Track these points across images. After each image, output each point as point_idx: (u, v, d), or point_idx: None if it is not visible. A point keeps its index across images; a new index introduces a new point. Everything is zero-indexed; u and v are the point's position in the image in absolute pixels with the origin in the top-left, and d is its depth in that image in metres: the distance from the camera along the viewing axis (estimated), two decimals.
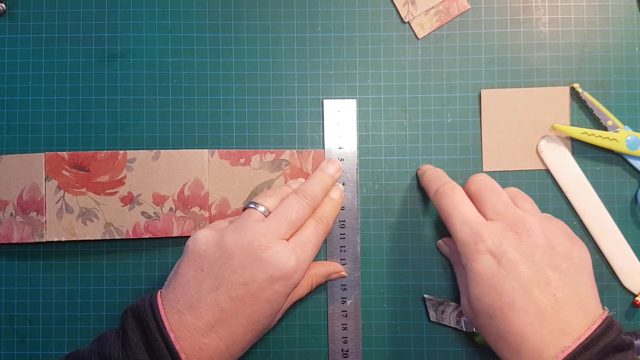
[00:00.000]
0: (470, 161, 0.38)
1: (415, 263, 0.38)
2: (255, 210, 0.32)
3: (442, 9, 0.39)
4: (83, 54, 0.39)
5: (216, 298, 0.29)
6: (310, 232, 0.32)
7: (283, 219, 0.32)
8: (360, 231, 0.38)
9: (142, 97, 0.39)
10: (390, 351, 0.38)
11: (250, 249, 0.30)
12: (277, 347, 0.38)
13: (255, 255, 0.30)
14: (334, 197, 0.35)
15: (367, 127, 0.39)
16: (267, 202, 0.33)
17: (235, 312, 0.29)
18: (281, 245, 0.31)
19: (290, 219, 0.32)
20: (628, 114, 0.38)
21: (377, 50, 0.39)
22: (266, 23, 0.39)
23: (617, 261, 0.37)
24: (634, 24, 0.39)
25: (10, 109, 0.39)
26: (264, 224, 0.31)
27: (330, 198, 0.35)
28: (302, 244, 0.32)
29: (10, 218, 0.37)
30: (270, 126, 0.39)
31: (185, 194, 0.37)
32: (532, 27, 0.39)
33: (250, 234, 0.30)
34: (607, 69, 0.39)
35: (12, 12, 0.39)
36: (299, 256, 0.31)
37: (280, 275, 0.30)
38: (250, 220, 0.31)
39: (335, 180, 0.36)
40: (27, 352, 0.38)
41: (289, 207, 0.32)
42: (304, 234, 0.32)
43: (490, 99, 0.38)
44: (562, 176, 0.38)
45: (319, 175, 0.35)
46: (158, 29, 0.39)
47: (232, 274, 0.30)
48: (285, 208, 0.32)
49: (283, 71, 0.39)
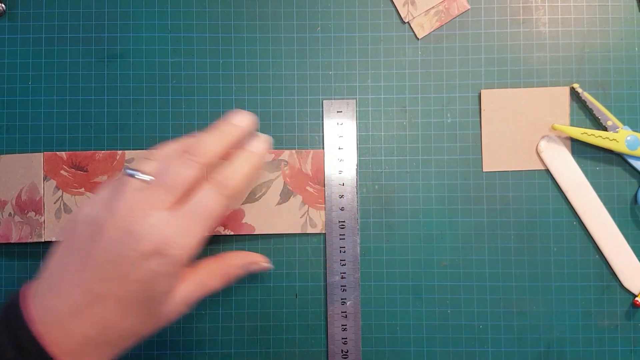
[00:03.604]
0: (470, 161, 0.38)
1: (415, 263, 0.38)
2: (132, 178, 0.27)
3: (442, 9, 0.39)
4: (83, 54, 0.39)
5: (83, 279, 0.26)
6: (205, 200, 0.27)
7: (161, 185, 0.27)
8: (360, 231, 0.38)
9: (142, 97, 0.39)
10: (390, 351, 0.38)
11: (121, 223, 0.26)
12: (277, 348, 0.38)
13: (126, 229, 0.26)
14: (248, 151, 0.30)
15: (367, 127, 0.39)
16: (146, 167, 0.28)
17: (105, 294, 0.26)
18: (158, 216, 0.26)
19: (171, 183, 0.27)
20: (628, 114, 0.38)
21: (377, 50, 0.39)
22: (266, 23, 0.39)
23: (617, 261, 0.37)
24: (634, 24, 0.39)
25: (10, 109, 0.39)
26: (139, 193, 0.27)
27: (241, 154, 0.30)
28: (188, 214, 0.27)
29: (9, 218, 0.37)
30: (270, 126, 0.39)
31: None
32: (532, 27, 0.39)
33: (123, 205, 0.26)
34: (607, 69, 0.39)
35: (12, 12, 0.39)
36: (181, 228, 0.26)
37: (154, 251, 0.26)
38: (123, 190, 0.27)
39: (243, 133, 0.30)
40: None
41: (170, 169, 0.27)
42: (194, 203, 0.27)
43: (490, 99, 0.38)
44: (562, 176, 0.38)
45: (219, 127, 0.29)
46: (158, 29, 0.39)
47: (100, 252, 0.26)
48: (165, 171, 0.27)
49: (283, 71, 0.39)
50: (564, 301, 0.38)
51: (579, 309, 0.38)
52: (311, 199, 0.38)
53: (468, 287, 0.38)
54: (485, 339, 0.38)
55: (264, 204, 0.37)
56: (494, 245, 0.38)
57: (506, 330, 0.38)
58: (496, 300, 0.38)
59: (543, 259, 0.38)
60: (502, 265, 0.38)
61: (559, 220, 0.38)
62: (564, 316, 0.38)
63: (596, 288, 0.38)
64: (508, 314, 0.38)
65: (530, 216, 0.38)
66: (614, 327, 0.38)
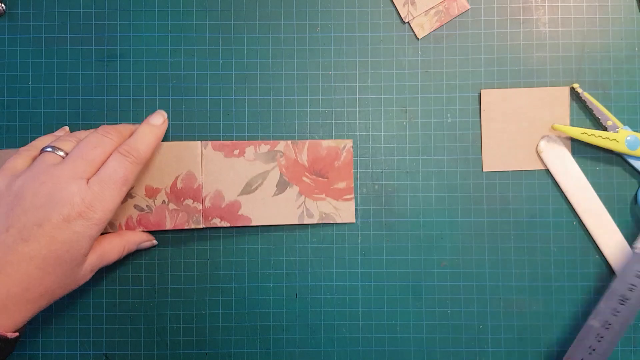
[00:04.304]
0: (470, 161, 0.38)
1: (415, 263, 0.38)
2: (52, 153, 0.31)
3: (442, 9, 0.39)
4: (83, 54, 0.39)
5: (6, 239, 0.29)
6: (113, 167, 0.31)
7: (79, 157, 0.31)
8: (360, 231, 0.38)
9: (142, 97, 0.39)
10: (390, 351, 0.38)
11: (43, 190, 0.29)
12: (277, 348, 0.38)
13: (49, 195, 0.29)
14: (150, 124, 0.34)
15: (367, 127, 0.39)
16: (65, 145, 0.32)
17: (29, 252, 0.29)
18: (77, 184, 0.30)
19: (88, 156, 0.31)
20: (628, 114, 0.38)
21: (377, 50, 0.39)
22: (266, 23, 0.39)
23: (617, 261, 0.37)
24: (634, 24, 0.39)
25: (10, 109, 0.39)
26: (60, 165, 0.30)
27: (143, 125, 0.34)
28: (102, 181, 0.30)
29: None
30: (270, 126, 0.39)
31: (178, 186, 0.37)
32: (532, 27, 0.39)
33: (45, 175, 0.30)
34: (607, 69, 0.39)
35: (12, 12, 0.39)
36: (98, 194, 0.30)
37: (77, 214, 0.29)
38: (45, 163, 0.31)
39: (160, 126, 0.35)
40: (27, 352, 0.38)
41: (87, 144, 0.31)
42: (104, 170, 0.31)
43: (490, 99, 0.38)
44: (562, 176, 0.38)
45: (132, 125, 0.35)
46: (158, 29, 0.39)
47: (23, 214, 0.29)
48: (82, 145, 0.31)
49: (283, 71, 0.39)
50: (564, 301, 0.38)
51: (579, 309, 0.38)
52: (308, 190, 0.38)
53: (468, 287, 0.38)
54: (485, 339, 0.38)
55: (261, 195, 0.37)
56: (494, 245, 0.38)
57: (506, 330, 0.38)
58: (496, 300, 0.38)
59: (543, 259, 0.38)
60: (502, 265, 0.38)
61: (559, 220, 0.38)
62: (564, 316, 0.38)
63: (596, 288, 0.38)
64: (508, 314, 0.38)
65: (530, 216, 0.38)
66: None
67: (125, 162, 0.31)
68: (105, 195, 0.30)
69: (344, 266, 0.38)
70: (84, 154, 0.31)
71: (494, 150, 0.38)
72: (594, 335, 0.34)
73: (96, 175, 0.31)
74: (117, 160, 0.31)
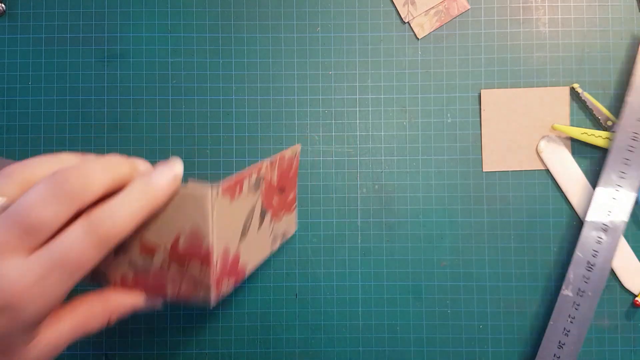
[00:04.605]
0: (470, 161, 0.38)
1: (415, 263, 0.38)
2: None
3: (442, 9, 0.39)
4: (83, 54, 0.39)
5: None
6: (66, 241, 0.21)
7: (17, 222, 0.20)
8: (360, 231, 0.38)
9: (142, 97, 0.39)
10: (390, 351, 0.38)
11: None
12: (277, 348, 0.38)
13: None
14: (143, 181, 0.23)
15: (367, 127, 0.39)
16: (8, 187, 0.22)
17: None
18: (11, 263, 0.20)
19: (30, 221, 0.20)
20: None
21: (377, 50, 0.39)
22: (266, 23, 0.39)
23: (617, 261, 0.37)
24: (634, 24, 0.39)
25: (10, 109, 0.39)
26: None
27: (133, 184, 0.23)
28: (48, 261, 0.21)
29: None
30: (270, 126, 0.39)
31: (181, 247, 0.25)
32: (532, 27, 0.39)
33: None
34: (607, 69, 0.39)
35: (12, 12, 0.39)
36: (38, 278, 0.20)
37: (3, 306, 0.20)
38: None
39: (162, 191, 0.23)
40: None
41: (31, 200, 0.20)
42: (54, 244, 0.21)
43: (490, 99, 0.38)
44: (562, 176, 0.38)
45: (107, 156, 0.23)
46: (158, 29, 0.39)
47: None
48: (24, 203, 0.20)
49: (283, 71, 0.39)
50: None
51: None
52: (275, 211, 0.33)
53: (468, 287, 0.38)
54: (485, 339, 0.38)
55: (252, 234, 0.30)
56: (494, 245, 0.38)
57: (506, 330, 0.38)
58: (496, 300, 0.38)
59: (543, 259, 0.38)
60: (502, 265, 0.38)
61: (559, 220, 0.38)
62: None
63: None
64: (508, 314, 0.38)
65: (530, 216, 0.38)
66: (614, 327, 0.38)
67: (88, 240, 0.21)
68: (49, 281, 0.21)
69: (344, 266, 0.38)
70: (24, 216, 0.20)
71: (494, 150, 0.38)
72: (571, 304, 0.36)
73: (43, 251, 0.21)
74: (76, 235, 0.21)
